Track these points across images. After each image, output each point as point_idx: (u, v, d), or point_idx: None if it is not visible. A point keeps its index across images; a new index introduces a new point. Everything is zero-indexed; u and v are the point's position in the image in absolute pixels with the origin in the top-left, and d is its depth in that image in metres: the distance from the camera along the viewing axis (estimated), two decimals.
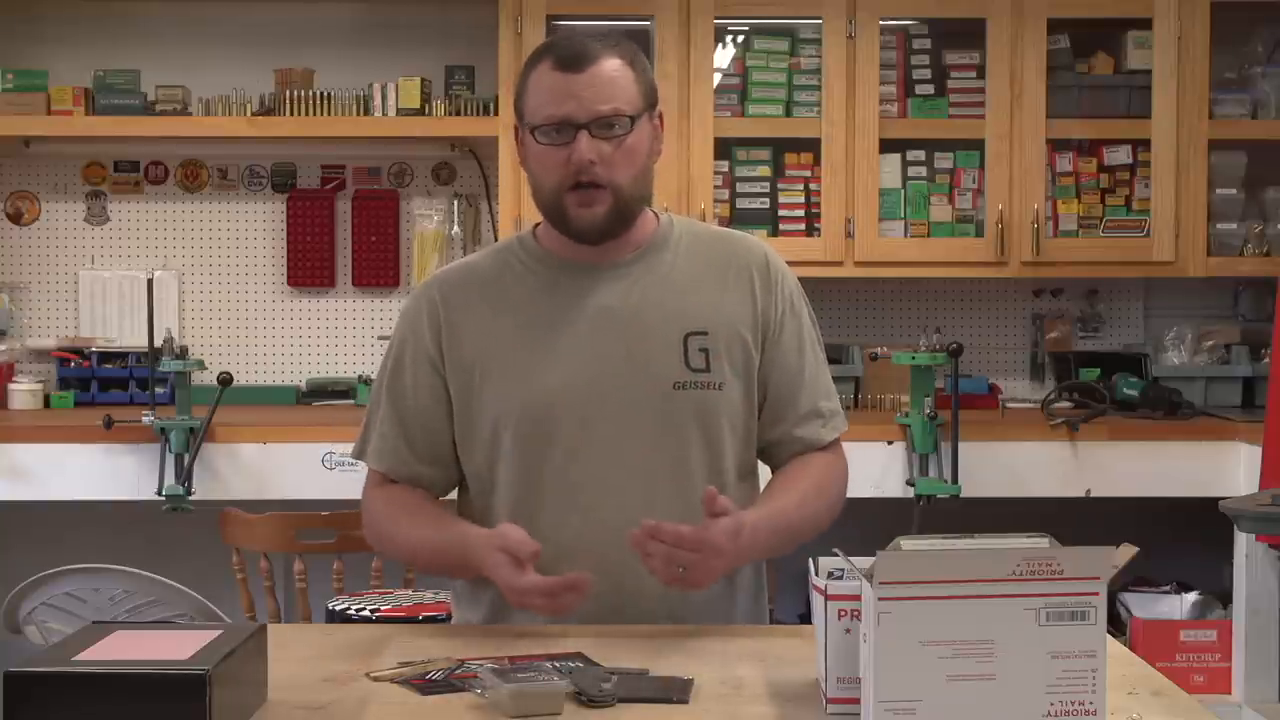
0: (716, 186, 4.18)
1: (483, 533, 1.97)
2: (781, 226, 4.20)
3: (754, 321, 2.10)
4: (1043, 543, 1.45)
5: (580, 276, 2.08)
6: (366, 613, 3.04)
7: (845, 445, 2.20)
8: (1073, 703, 1.39)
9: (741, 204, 4.21)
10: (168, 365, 3.78)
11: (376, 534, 2.15)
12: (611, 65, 2.00)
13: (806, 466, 2.12)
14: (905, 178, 4.23)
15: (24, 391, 4.28)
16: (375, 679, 1.69)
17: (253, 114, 4.27)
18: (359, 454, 2.16)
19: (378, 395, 2.14)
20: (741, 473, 2.11)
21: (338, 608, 3.09)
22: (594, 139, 1.98)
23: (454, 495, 2.18)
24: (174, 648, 1.47)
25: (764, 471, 2.18)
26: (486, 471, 2.07)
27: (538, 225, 2.15)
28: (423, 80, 4.27)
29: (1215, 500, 3.12)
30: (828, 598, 1.55)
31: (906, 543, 1.46)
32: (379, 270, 4.53)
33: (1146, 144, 4.19)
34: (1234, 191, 4.26)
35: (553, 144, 2.00)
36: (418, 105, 4.25)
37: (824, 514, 2.11)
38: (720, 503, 1.88)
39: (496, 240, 4.12)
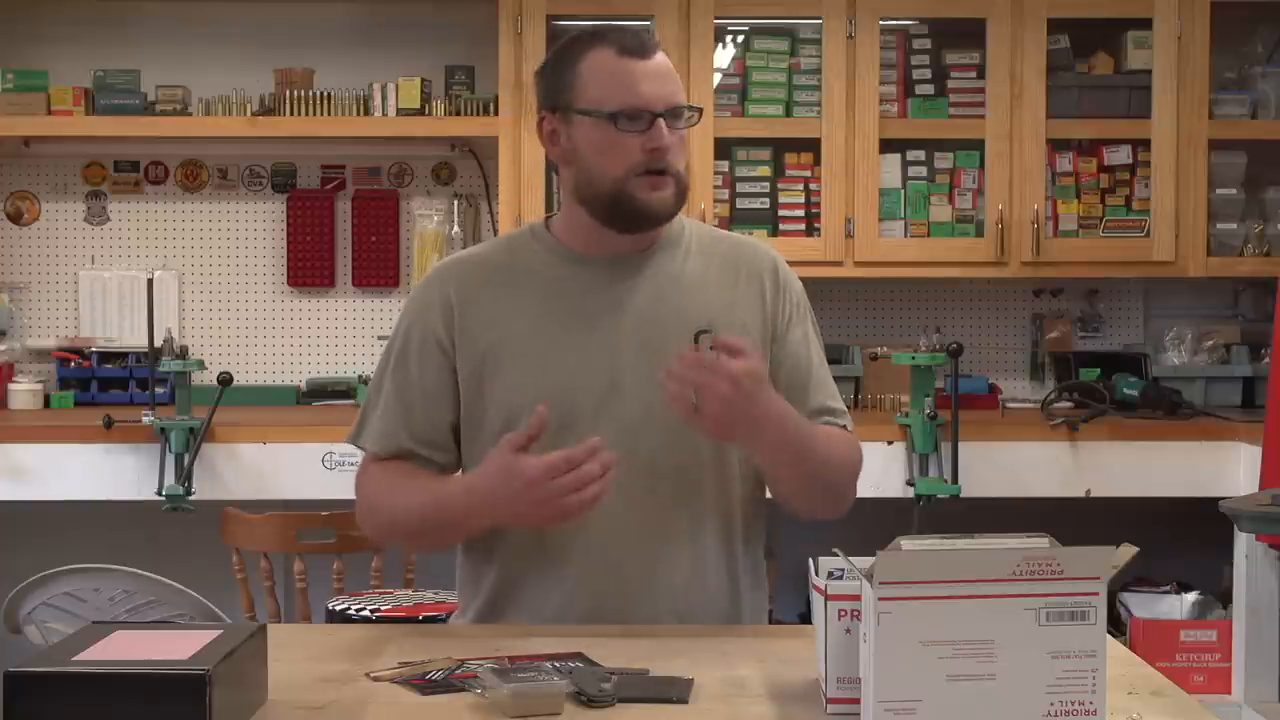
0: (716, 186, 4.18)
1: (476, 471, 1.94)
2: (781, 226, 4.20)
3: (763, 323, 2.10)
4: (1043, 543, 1.45)
5: (594, 270, 2.08)
6: (366, 613, 3.04)
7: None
8: (1073, 703, 1.39)
9: (741, 204, 4.21)
10: (168, 365, 3.78)
11: (369, 507, 2.09)
12: (665, 59, 2.05)
13: (824, 427, 2.11)
14: (905, 178, 4.23)
15: (24, 391, 4.28)
16: (375, 679, 1.69)
17: (253, 114, 4.27)
18: (355, 438, 2.13)
19: (380, 380, 2.12)
20: (750, 472, 2.10)
21: (338, 608, 3.09)
22: (668, 127, 2.00)
23: None
24: (174, 648, 1.47)
25: None
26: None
27: (548, 218, 2.15)
28: (423, 80, 4.27)
29: (1215, 500, 3.11)
30: (828, 598, 1.55)
31: (906, 543, 1.46)
32: (379, 270, 4.53)
33: (1146, 144, 4.19)
34: (1234, 191, 4.26)
35: (628, 131, 1.99)
36: (418, 105, 4.25)
37: (845, 465, 2.09)
38: (736, 343, 1.85)
39: None
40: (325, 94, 4.25)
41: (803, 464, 2.01)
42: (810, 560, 1.63)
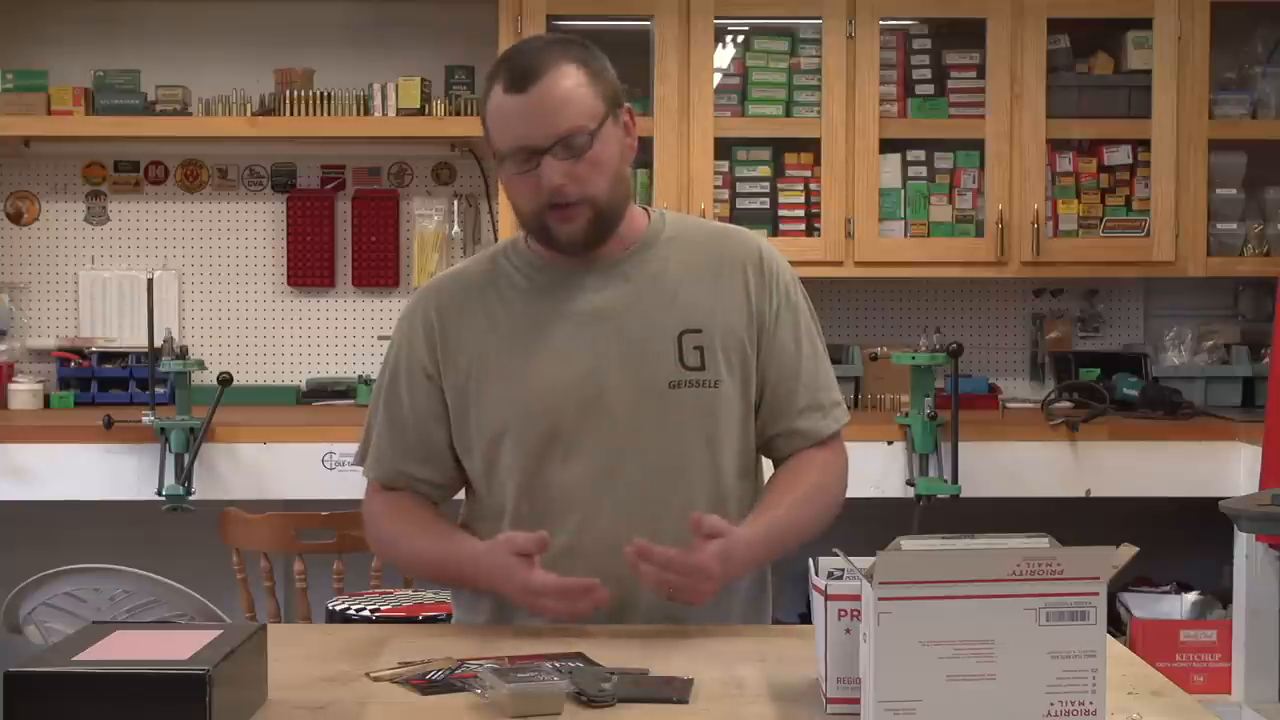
0: (716, 186, 4.18)
1: (481, 547, 1.98)
2: (781, 226, 4.20)
3: (749, 318, 2.09)
4: (1043, 543, 1.45)
5: (572, 278, 2.07)
6: (366, 613, 3.04)
7: (845, 446, 2.20)
8: (1073, 703, 1.39)
9: (741, 204, 4.21)
10: (168, 365, 3.78)
11: (378, 541, 2.18)
12: (562, 76, 1.95)
13: (804, 467, 2.12)
14: (905, 178, 4.23)
15: (24, 391, 4.28)
16: (375, 679, 1.69)
17: (253, 114, 4.27)
18: (359, 461, 2.17)
19: (375, 403, 2.15)
20: (741, 471, 2.10)
21: (338, 608, 3.09)
22: (558, 161, 1.96)
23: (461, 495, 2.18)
24: (174, 648, 1.47)
25: (766, 465, 2.18)
26: (486, 476, 2.08)
27: None
28: (423, 80, 4.27)
29: (1215, 500, 3.11)
30: (828, 598, 1.55)
31: (906, 543, 1.46)
32: (379, 270, 4.53)
33: (1146, 144, 4.19)
34: (1234, 191, 4.26)
35: (520, 172, 1.98)
36: (418, 105, 4.26)
37: (824, 514, 2.11)
38: (709, 525, 1.89)
39: (496, 240, 4.13)
40: (325, 94, 4.25)
41: (784, 555, 2.11)
42: (810, 560, 1.63)
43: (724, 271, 2.10)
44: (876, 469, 3.78)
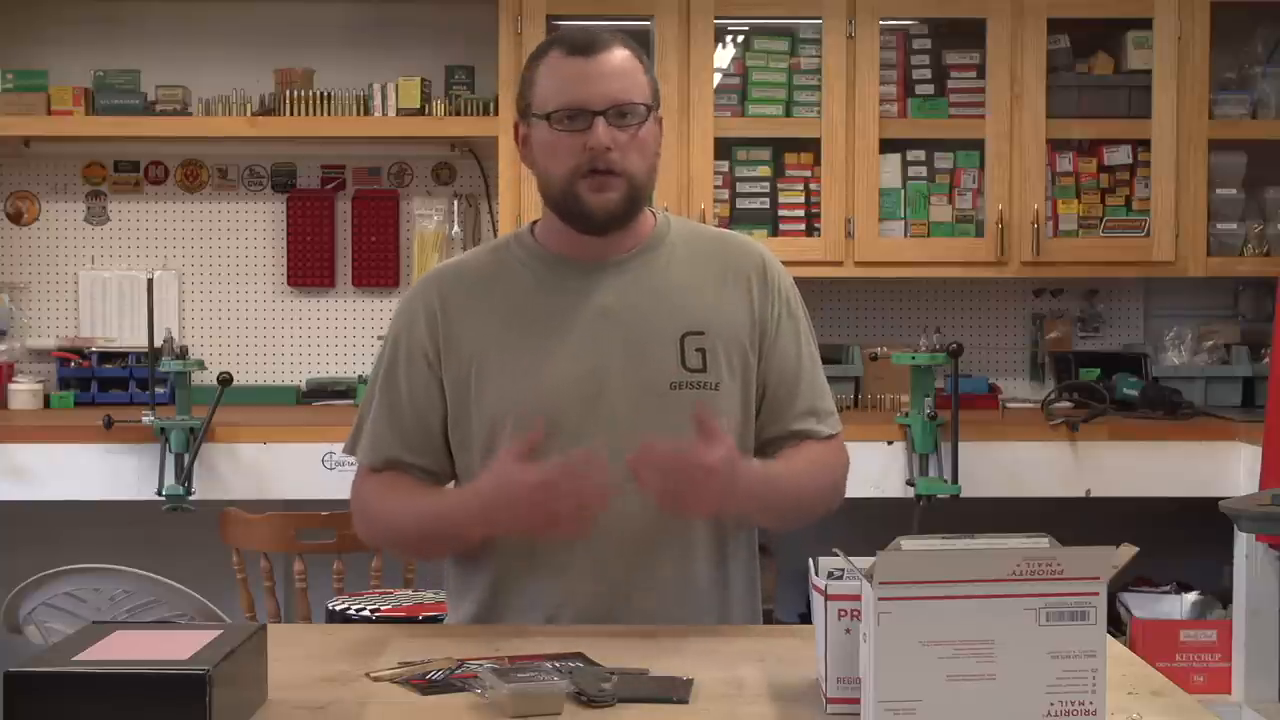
0: (716, 186, 4.18)
1: (483, 477, 1.95)
2: (781, 226, 4.20)
3: (751, 324, 2.09)
4: (1043, 543, 1.45)
5: (577, 274, 2.08)
6: (366, 613, 3.04)
7: (846, 450, 2.19)
8: (1073, 703, 1.39)
9: (741, 204, 4.21)
10: (168, 365, 3.78)
11: (372, 522, 2.11)
12: (623, 55, 2.01)
13: (802, 448, 2.11)
14: (905, 178, 4.23)
15: (24, 391, 4.28)
16: (375, 679, 1.69)
17: (253, 114, 4.27)
18: (351, 449, 2.15)
19: (371, 391, 2.14)
20: None
21: (338, 608, 3.09)
22: (609, 126, 1.98)
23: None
24: (174, 648, 1.48)
25: None
26: (482, 471, 2.07)
27: (535, 223, 2.15)
28: (423, 80, 4.27)
29: (1215, 500, 3.11)
30: (828, 598, 1.55)
31: (906, 543, 1.46)
32: (379, 270, 4.53)
33: (1146, 144, 4.19)
34: (1234, 191, 4.26)
35: (567, 131, 1.99)
36: (418, 105, 4.26)
37: (821, 492, 2.10)
38: (712, 424, 1.87)
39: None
40: (325, 94, 4.25)
41: (781, 514, 2.07)
42: (810, 560, 1.63)
43: (728, 277, 2.10)
44: (876, 469, 3.78)
